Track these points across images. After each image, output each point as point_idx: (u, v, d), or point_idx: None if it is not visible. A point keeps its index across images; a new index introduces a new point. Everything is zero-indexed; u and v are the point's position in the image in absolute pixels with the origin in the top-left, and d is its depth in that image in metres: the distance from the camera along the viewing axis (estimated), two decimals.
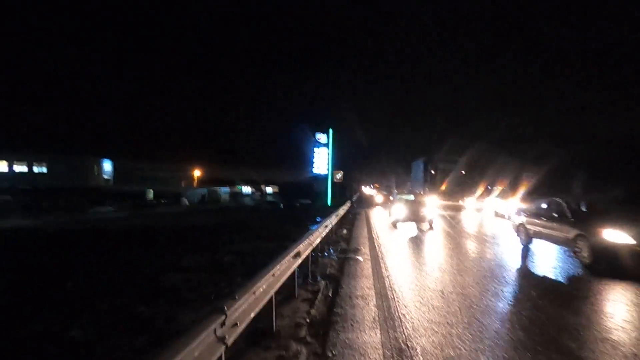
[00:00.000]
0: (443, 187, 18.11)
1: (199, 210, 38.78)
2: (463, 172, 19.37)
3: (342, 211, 17.02)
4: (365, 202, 33.27)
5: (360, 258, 8.83)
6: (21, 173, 46.75)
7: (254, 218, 23.86)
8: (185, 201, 45.33)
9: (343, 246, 10.84)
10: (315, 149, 40.80)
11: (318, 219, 20.41)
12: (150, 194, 39.62)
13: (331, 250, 10.12)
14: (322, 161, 40.29)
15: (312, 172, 41.03)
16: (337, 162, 41.85)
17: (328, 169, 39.44)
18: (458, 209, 22.40)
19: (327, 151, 39.91)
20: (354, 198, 40.62)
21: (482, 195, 20.90)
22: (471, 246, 10.58)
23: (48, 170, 47.92)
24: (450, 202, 18.10)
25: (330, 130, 40.68)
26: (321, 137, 40.24)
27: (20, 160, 47.20)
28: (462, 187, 18.22)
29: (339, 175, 37.63)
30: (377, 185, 65.44)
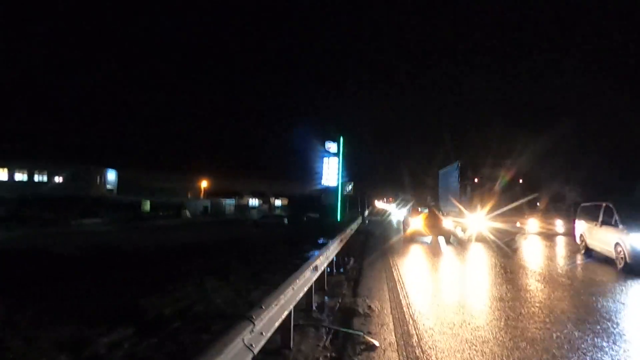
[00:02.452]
0: (490, 202, 12.42)
1: (196, 224, 34.87)
2: (521, 180, 13.57)
3: (350, 231, 12.57)
4: (381, 226, 25.86)
5: (374, 342, 4.33)
6: (21, 182, 43.87)
7: (248, 236, 19.58)
8: (187, 213, 41.57)
9: (345, 298, 6.35)
10: (325, 159, 36.48)
11: (320, 241, 15.98)
12: (147, 205, 35.90)
13: (324, 309, 5.65)
14: (331, 172, 35.89)
15: (321, 183, 36.66)
16: (348, 173, 37.42)
17: (338, 180, 34.99)
18: (513, 234, 14.55)
19: (338, 161, 35.53)
20: (367, 213, 35.94)
21: (547, 215, 15.34)
22: None
23: (49, 179, 44.96)
24: (504, 224, 12.34)
25: (341, 139, 36.42)
26: (331, 146, 35.91)
27: (21, 169, 44.38)
28: (519, 200, 12.65)
29: (349, 187, 33.11)
30: (391, 199, 60.37)
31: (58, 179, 44.89)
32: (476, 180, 13.12)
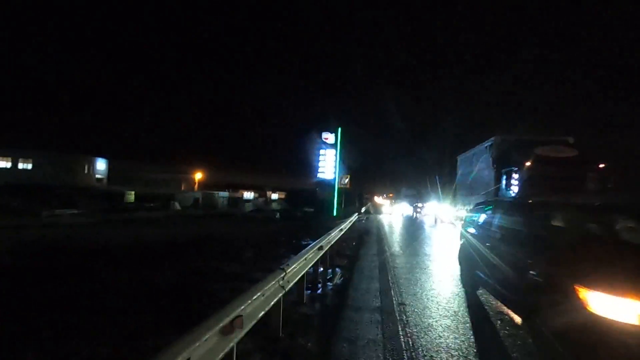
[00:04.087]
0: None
1: (183, 216, 32.06)
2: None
3: (339, 232, 9.69)
4: (380, 224, 21.54)
5: None
6: (4, 169, 41.22)
7: (227, 233, 16.75)
8: (177, 205, 38.75)
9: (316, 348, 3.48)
10: (322, 151, 33.54)
11: (304, 242, 13.20)
12: (131, 196, 33.07)
13: None
14: (328, 164, 32.98)
15: (317, 176, 33.76)
16: (347, 167, 34.48)
17: (335, 174, 32.08)
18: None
19: (335, 153, 32.59)
20: (364, 209, 33.02)
21: None
22: None
23: (34, 167, 42.23)
24: None
25: (339, 129, 33.44)
26: (328, 137, 32.98)
27: (4, 156, 41.69)
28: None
29: (345, 180, 30.22)
30: (391, 195, 57.44)
31: (43, 167, 42.21)
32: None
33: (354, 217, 16.37)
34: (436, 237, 15.41)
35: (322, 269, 7.43)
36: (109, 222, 22.51)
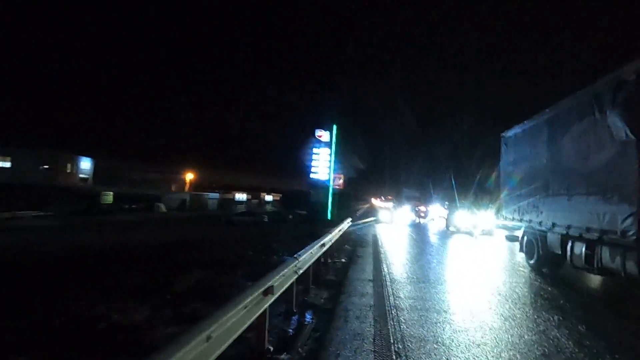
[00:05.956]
0: None
1: (163, 219, 29.04)
2: None
3: (319, 249, 6.70)
4: (378, 233, 17.79)
5: None
6: None
7: (199, 240, 13.72)
8: (162, 207, 35.67)
9: None
10: (315, 149, 30.51)
11: (278, 257, 10.25)
12: (109, 197, 30.00)
13: None
14: (322, 164, 29.97)
15: (310, 177, 30.72)
16: (343, 167, 31.46)
17: (329, 174, 29.07)
18: None
19: (330, 151, 29.59)
20: (359, 212, 29.94)
21: None
22: None
23: (12, 165, 39.21)
24: None
25: (334, 127, 30.45)
26: (322, 135, 30.00)
27: None
28: None
29: (340, 181, 27.21)
30: (390, 197, 54.40)
31: (22, 165, 39.19)
32: None
33: (346, 225, 13.36)
34: (452, 252, 12.38)
35: (283, 310, 4.49)
36: (70, 226, 19.48)
